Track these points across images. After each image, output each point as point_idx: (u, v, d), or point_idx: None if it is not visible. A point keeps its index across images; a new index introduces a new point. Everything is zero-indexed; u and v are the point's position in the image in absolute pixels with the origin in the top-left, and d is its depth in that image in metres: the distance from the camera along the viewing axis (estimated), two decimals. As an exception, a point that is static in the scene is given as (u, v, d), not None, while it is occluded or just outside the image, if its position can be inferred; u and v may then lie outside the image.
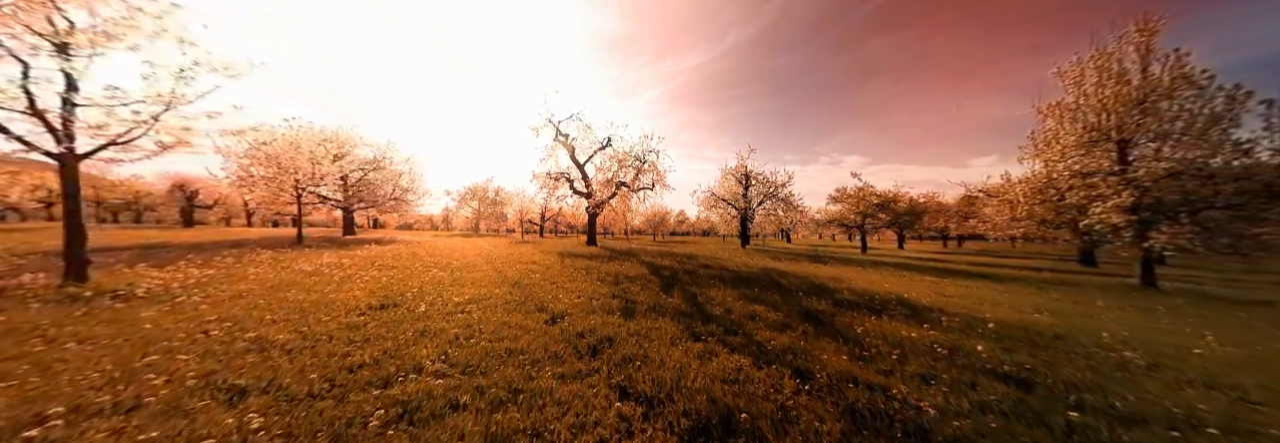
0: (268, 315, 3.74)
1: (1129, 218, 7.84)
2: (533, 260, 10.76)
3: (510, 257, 11.51)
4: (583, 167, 17.45)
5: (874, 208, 20.18)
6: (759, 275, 8.31)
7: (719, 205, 21.71)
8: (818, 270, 10.11)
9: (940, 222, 23.27)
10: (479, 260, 10.15)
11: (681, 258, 12.31)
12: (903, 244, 34.19)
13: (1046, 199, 9.82)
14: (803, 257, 15.89)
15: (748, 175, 21.64)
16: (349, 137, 20.11)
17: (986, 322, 4.53)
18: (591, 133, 16.82)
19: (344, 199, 19.41)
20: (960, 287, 7.98)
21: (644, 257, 12.43)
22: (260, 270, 6.27)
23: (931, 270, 11.67)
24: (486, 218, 42.33)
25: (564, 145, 17.04)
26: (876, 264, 13.13)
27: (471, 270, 8.02)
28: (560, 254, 12.88)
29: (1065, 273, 12.37)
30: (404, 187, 22.74)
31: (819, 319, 4.53)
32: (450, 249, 13.55)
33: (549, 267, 9.28)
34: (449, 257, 10.80)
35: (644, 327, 4.00)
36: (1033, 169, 10.56)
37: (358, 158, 20.23)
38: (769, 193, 20.48)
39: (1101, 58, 9.33)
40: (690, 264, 10.40)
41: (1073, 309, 5.83)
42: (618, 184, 16.11)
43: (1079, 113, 9.50)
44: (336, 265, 7.34)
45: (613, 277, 7.72)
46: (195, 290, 4.57)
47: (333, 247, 12.00)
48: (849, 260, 14.82)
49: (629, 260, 10.92)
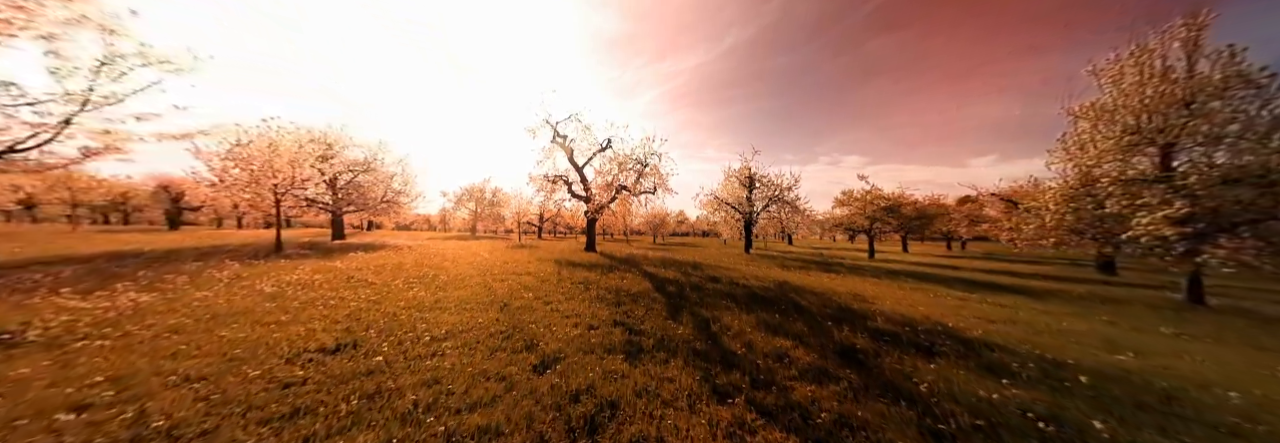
0: (179, 369, 2.98)
1: (1182, 230, 7.14)
2: (527, 271, 10.02)
3: (504, 266, 10.76)
4: (582, 169, 16.70)
5: (882, 212, 19.47)
6: (774, 292, 7.57)
7: (722, 209, 20.97)
8: (834, 283, 9.38)
9: (949, 226, 22.58)
10: (469, 271, 9.41)
11: (686, 268, 11.57)
12: (907, 247, 33.58)
13: (1080, 207, 9.11)
14: (811, 264, 15.18)
15: (752, 178, 20.91)
16: (338, 137, 19.33)
17: (1067, 367, 3.78)
18: (590, 134, 16.07)
19: (332, 202, 18.62)
20: (998, 307, 7.25)
21: (646, 266, 11.69)
22: (210, 294, 5.51)
23: (954, 282, 10.95)
24: (484, 219, 41.56)
25: (562, 147, 16.28)
26: (892, 274, 12.41)
27: (458, 286, 7.27)
28: (557, 263, 12.14)
29: (1092, 284, 11.66)
30: (396, 189, 21.96)
31: (861, 361, 3.80)
32: (442, 257, 12.79)
33: (544, 279, 8.55)
34: (438, 267, 10.05)
35: (654, 376, 3.26)
36: (1063, 174, 9.85)
37: (347, 159, 19.46)
38: (774, 196, 19.75)
39: (1142, 54, 8.62)
40: (696, 276, 9.67)
41: (1146, 343, 5.10)
42: (618, 188, 15.36)
43: (1117, 114, 8.79)
44: (304, 284, 6.58)
45: (613, 294, 6.98)
46: (111, 329, 3.81)
47: (314, 255, 11.23)
48: (860, 268, 14.11)
49: (630, 272, 10.18)
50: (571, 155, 16.42)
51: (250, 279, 6.74)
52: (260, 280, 6.62)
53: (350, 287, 6.59)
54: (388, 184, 21.34)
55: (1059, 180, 9.77)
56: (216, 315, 4.48)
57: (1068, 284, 11.29)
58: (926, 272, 13.74)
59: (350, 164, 19.40)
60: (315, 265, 8.99)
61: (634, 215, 15.81)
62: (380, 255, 12.37)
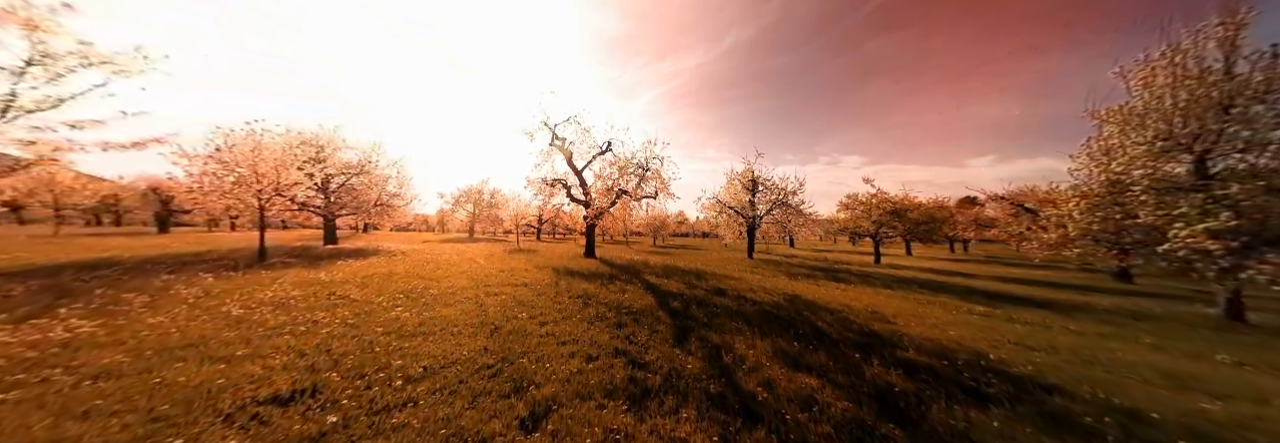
0: (83, 438, 2.45)
1: (1227, 244, 6.64)
2: (523, 281, 9.51)
3: (499, 275, 10.24)
4: (581, 173, 16.18)
5: (887, 216, 18.98)
6: (786, 310, 7.05)
7: (725, 213, 20.46)
8: (846, 296, 8.86)
9: (955, 230, 22.08)
10: (462, 283, 8.88)
11: (689, 278, 11.04)
12: (910, 250, 33.12)
13: (1107, 216, 8.61)
14: (818, 272, 14.67)
15: (755, 181, 20.40)
16: (330, 139, 18.80)
17: (1150, 422, 3.25)
18: (590, 137, 15.56)
19: (325, 206, 18.09)
20: (1029, 327, 6.75)
21: (647, 275, 11.15)
22: (166, 319, 4.97)
23: (970, 294, 10.43)
24: (482, 221, 41.03)
25: (561, 150, 15.76)
26: (902, 284, 11.91)
27: (448, 302, 6.74)
28: (555, 271, 11.62)
29: (1114, 294, 11.17)
30: (391, 191, 21.44)
31: (903, 411, 3.28)
32: (435, 264, 12.25)
33: (541, 292, 8.04)
34: (430, 277, 9.52)
35: (663, 436, 2.74)
36: (1089, 181, 9.35)
37: (339, 162, 18.93)
38: (778, 200, 19.25)
39: (1175, 55, 8.12)
40: (701, 288, 9.14)
41: (1213, 378, 4.57)
42: (618, 192, 14.85)
43: (1148, 118, 8.29)
44: (279, 304, 6.05)
45: (614, 312, 6.47)
46: (26, 374, 3.27)
47: (299, 264, 10.69)
48: (868, 277, 13.60)
49: (631, 283, 9.64)
50: (570, 158, 15.91)
51: (220, 297, 6.21)
52: (230, 299, 6.09)
53: (328, 306, 6.05)
54: (382, 187, 20.81)
55: (1084, 187, 9.28)
56: (164, 349, 3.94)
57: (1089, 295, 10.80)
58: (938, 280, 13.23)
59: (343, 167, 18.88)
60: (297, 277, 8.46)
61: (634, 218, 15.29)
62: (370, 264, 11.84)
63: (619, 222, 15.98)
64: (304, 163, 17.52)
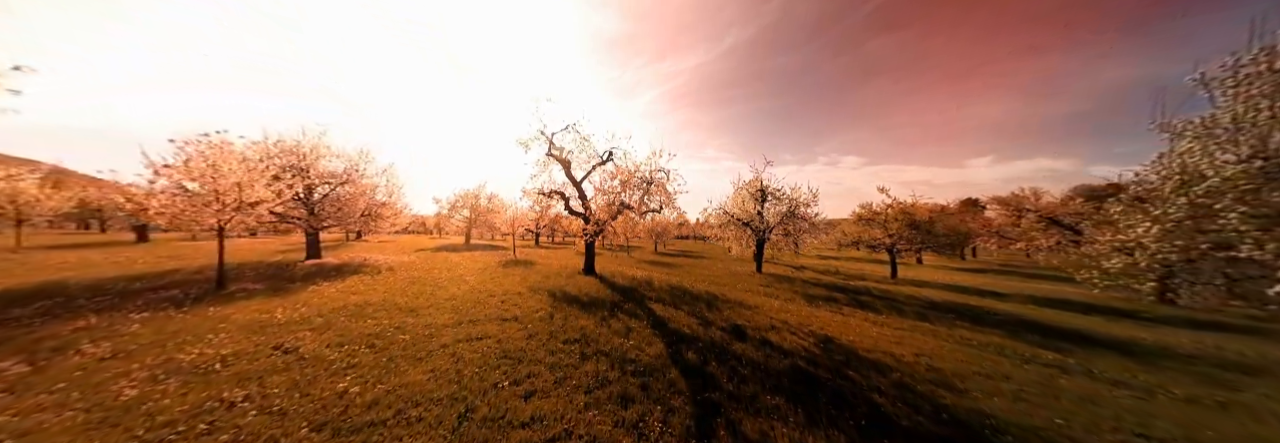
0: None
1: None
2: (514, 314, 8.40)
3: (487, 303, 9.12)
4: (579, 184, 15.02)
5: (906, 229, 17.81)
6: (825, 365, 5.88)
7: (732, 225, 19.29)
8: (889, 340, 7.68)
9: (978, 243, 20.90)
10: (443, 318, 7.73)
11: (700, 306, 9.85)
12: (921, 259, 31.99)
13: (1190, 245, 7.45)
14: (837, 292, 13.50)
15: (764, 191, 19.24)
16: (313, 147, 17.64)
17: None
18: (590, 145, 14.41)
19: (306, 218, 16.91)
20: (1137, 400, 5.57)
21: (653, 302, 9.95)
22: (18, 415, 3.79)
23: (1023, 330, 9.24)
24: (479, 226, 39.87)
25: (558, 160, 14.61)
26: (938, 312, 10.72)
27: (418, 356, 5.58)
28: (551, 296, 10.47)
29: (1178, 326, 9.99)
30: (380, 200, 20.26)
31: None
32: (419, 287, 11.07)
33: (532, 332, 6.90)
34: (408, 308, 8.35)
35: None
36: (1162, 201, 8.17)
37: (323, 171, 17.76)
38: (789, 212, 18.08)
39: (1274, 59, 6.96)
40: (716, 324, 7.95)
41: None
42: (620, 206, 13.69)
43: (1242, 133, 7.13)
44: (197, 370, 4.87)
45: (618, 370, 5.32)
46: None
47: (261, 293, 9.51)
48: (895, 301, 12.42)
49: (636, 317, 8.46)
50: (568, 169, 14.75)
51: (129, 359, 5.03)
52: (139, 364, 4.91)
53: (263, 373, 4.87)
54: (370, 196, 19.62)
55: (1158, 211, 8.13)
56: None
57: (1149, 327, 9.62)
58: (972, 304, 12.03)
59: (326, 176, 17.69)
60: (248, 317, 7.27)
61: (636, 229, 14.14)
62: (347, 288, 10.66)
63: (620, 234, 14.82)
64: (283, 172, 16.40)
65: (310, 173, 17.32)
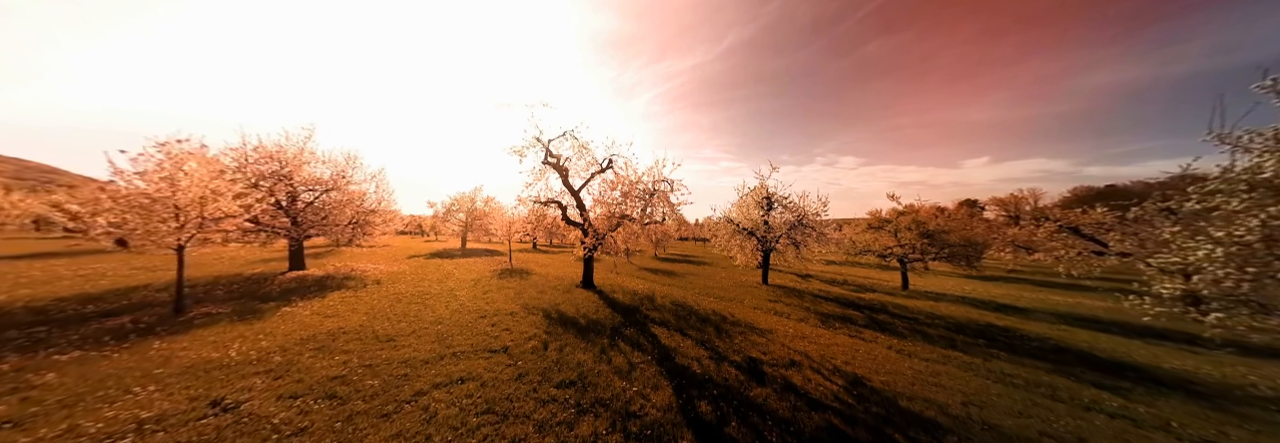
0: None
1: None
2: (503, 340, 7.67)
3: (475, 328, 8.29)
4: (577, 193, 14.16)
5: (918, 238, 16.97)
6: (863, 420, 5.03)
7: (738, 235, 18.43)
8: (923, 377, 6.83)
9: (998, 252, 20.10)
10: (423, 351, 6.86)
11: (708, 332, 8.97)
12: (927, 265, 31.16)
13: (1263, 273, 6.63)
14: (852, 310, 12.66)
15: (770, 199, 18.40)
16: (297, 152, 16.75)
17: None
18: (588, 153, 13.55)
19: (287, 228, 16.00)
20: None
21: (657, 327, 9.08)
22: None
23: (1069, 362, 8.40)
24: (474, 230, 38.98)
25: (555, 168, 13.76)
26: (966, 336, 9.88)
27: (382, 411, 4.70)
28: (546, 317, 9.63)
29: (1237, 354, 9.16)
30: (369, 208, 19.35)
31: None
32: (405, 306, 10.20)
33: (522, 371, 6.10)
34: (386, 337, 7.48)
35: None
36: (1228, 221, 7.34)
37: (307, 177, 16.86)
38: (797, 221, 17.24)
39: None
40: (729, 360, 7.09)
41: None
42: (621, 217, 12.84)
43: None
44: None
45: (619, 421, 4.48)
46: None
47: (223, 318, 8.61)
48: (916, 321, 11.59)
49: (639, 348, 7.59)
50: (566, 177, 13.89)
51: (22, 426, 4.14)
52: (35, 431, 4.02)
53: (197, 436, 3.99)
54: (359, 204, 18.72)
55: (1221, 232, 7.32)
56: None
57: (1198, 356, 8.78)
58: (1001, 326, 11.18)
59: (310, 183, 16.78)
60: (195, 357, 6.38)
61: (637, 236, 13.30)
62: (323, 309, 9.78)
63: (621, 245, 13.96)
64: (263, 179, 15.49)
65: (294, 179, 16.42)
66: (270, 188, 15.28)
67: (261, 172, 15.13)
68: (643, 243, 13.09)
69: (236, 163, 14.81)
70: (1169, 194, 9.09)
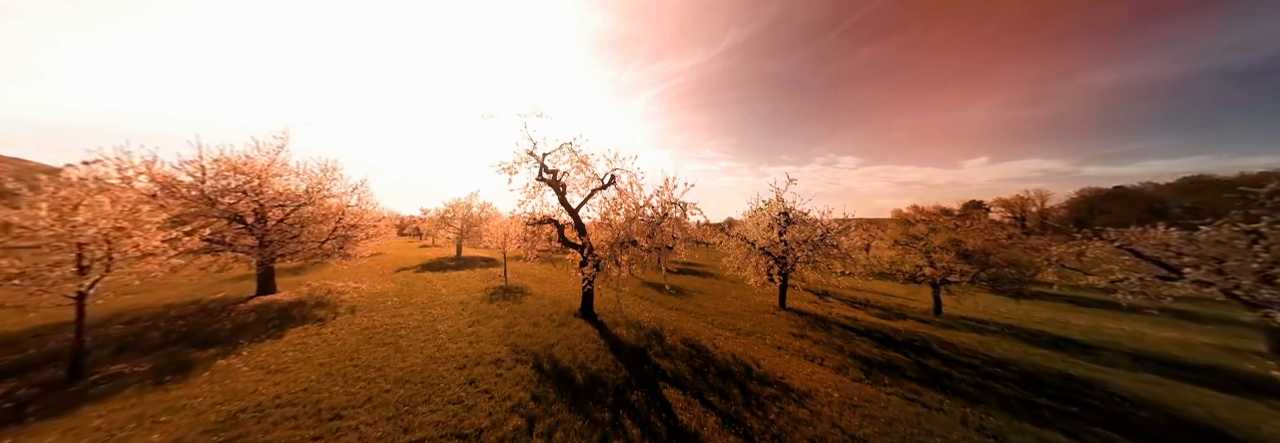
0: None
1: None
2: (479, 422, 5.86)
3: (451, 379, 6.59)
4: (576, 212, 12.49)
5: (957, 259, 15.21)
6: None
7: (753, 255, 16.70)
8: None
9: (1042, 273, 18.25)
10: (378, 422, 5.17)
11: (734, 394, 7.25)
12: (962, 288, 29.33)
13: None
14: (889, 347, 10.94)
15: (787, 215, 16.69)
16: (266, 165, 15.15)
17: None
18: (588, 168, 11.88)
19: (257, 247, 14.37)
20: None
21: (669, 392, 7.35)
22: None
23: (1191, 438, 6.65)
24: (469, 238, 37.41)
25: (551, 184, 12.11)
26: (1038, 391, 8.14)
27: None
28: (537, 368, 7.94)
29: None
30: (349, 223, 17.71)
31: None
32: (371, 352, 8.51)
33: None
34: (338, 399, 5.80)
35: None
36: None
37: (278, 191, 15.24)
38: (818, 240, 15.52)
39: None
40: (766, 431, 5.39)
41: None
42: (627, 242, 11.16)
43: None
44: None
45: None
46: None
47: (137, 378, 6.95)
48: (973, 367, 9.84)
49: (654, 437, 5.89)
50: (563, 194, 12.22)
51: None
52: None
53: None
54: (338, 219, 17.07)
55: None
56: None
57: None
58: (1074, 375, 9.42)
59: (280, 198, 15.16)
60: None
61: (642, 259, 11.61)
62: (269, 360, 8.11)
63: (624, 269, 12.28)
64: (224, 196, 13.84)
65: (263, 194, 14.79)
66: (232, 205, 13.67)
67: (222, 187, 13.50)
68: (647, 267, 11.40)
69: (193, 178, 13.20)
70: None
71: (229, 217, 13.67)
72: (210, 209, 13.01)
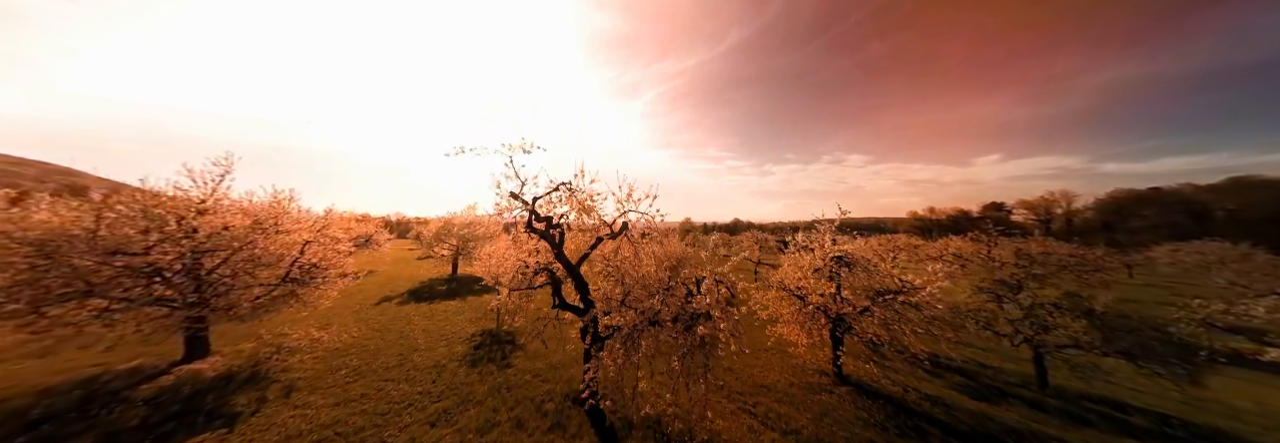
0: None
1: None
2: None
3: None
4: (577, 269, 9.33)
5: (1086, 325, 11.62)
6: None
7: (803, 313, 13.26)
8: None
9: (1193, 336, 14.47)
10: None
11: None
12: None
13: None
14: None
15: (843, 260, 13.29)
16: (204, 196, 12.30)
17: None
18: (595, 216, 8.70)
19: (183, 299, 11.41)
20: None
21: None
22: None
23: None
24: (464, 255, 34.59)
25: (543, 236, 8.96)
26: None
27: None
28: None
29: None
30: (310, 262, 14.74)
31: None
32: None
33: None
34: None
35: None
36: None
37: (215, 229, 12.29)
38: (894, 294, 12.07)
39: None
40: None
41: None
42: (647, 322, 7.93)
43: None
44: None
45: None
46: None
47: None
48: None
49: None
50: (561, 247, 9.05)
51: None
52: None
53: None
54: (294, 258, 14.12)
55: None
56: None
57: None
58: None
59: (212, 240, 12.15)
60: None
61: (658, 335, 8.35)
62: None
63: (639, 359, 9.06)
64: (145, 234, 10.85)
65: (197, 235, 11.86)
66: (145, 251, 10.74)
67: (127, 234, 10.56)
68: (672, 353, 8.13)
69: (90, 218, 10.29)
70: None
71: (142, 271, 10.73)
72: (106, 263, 10.07)
